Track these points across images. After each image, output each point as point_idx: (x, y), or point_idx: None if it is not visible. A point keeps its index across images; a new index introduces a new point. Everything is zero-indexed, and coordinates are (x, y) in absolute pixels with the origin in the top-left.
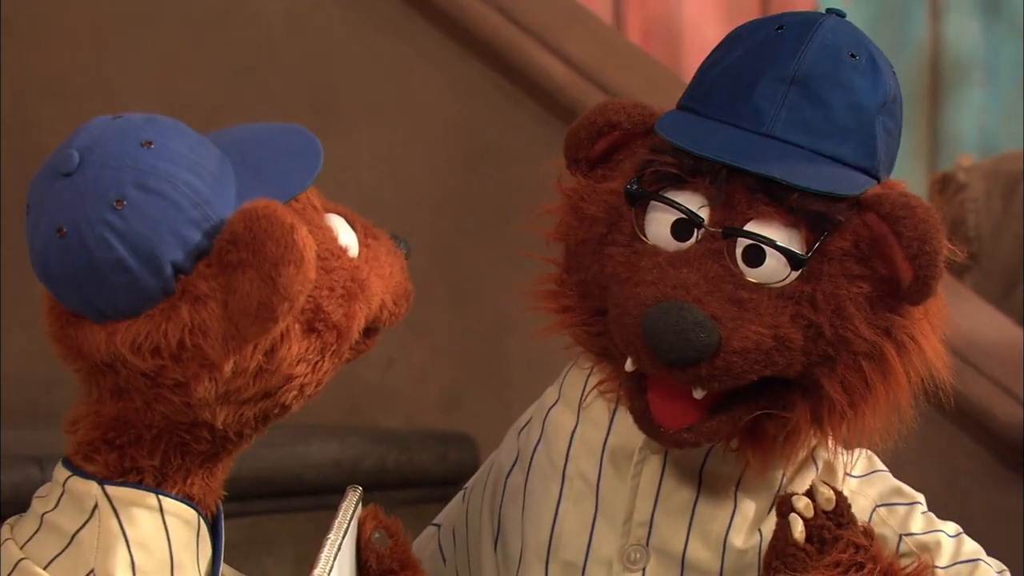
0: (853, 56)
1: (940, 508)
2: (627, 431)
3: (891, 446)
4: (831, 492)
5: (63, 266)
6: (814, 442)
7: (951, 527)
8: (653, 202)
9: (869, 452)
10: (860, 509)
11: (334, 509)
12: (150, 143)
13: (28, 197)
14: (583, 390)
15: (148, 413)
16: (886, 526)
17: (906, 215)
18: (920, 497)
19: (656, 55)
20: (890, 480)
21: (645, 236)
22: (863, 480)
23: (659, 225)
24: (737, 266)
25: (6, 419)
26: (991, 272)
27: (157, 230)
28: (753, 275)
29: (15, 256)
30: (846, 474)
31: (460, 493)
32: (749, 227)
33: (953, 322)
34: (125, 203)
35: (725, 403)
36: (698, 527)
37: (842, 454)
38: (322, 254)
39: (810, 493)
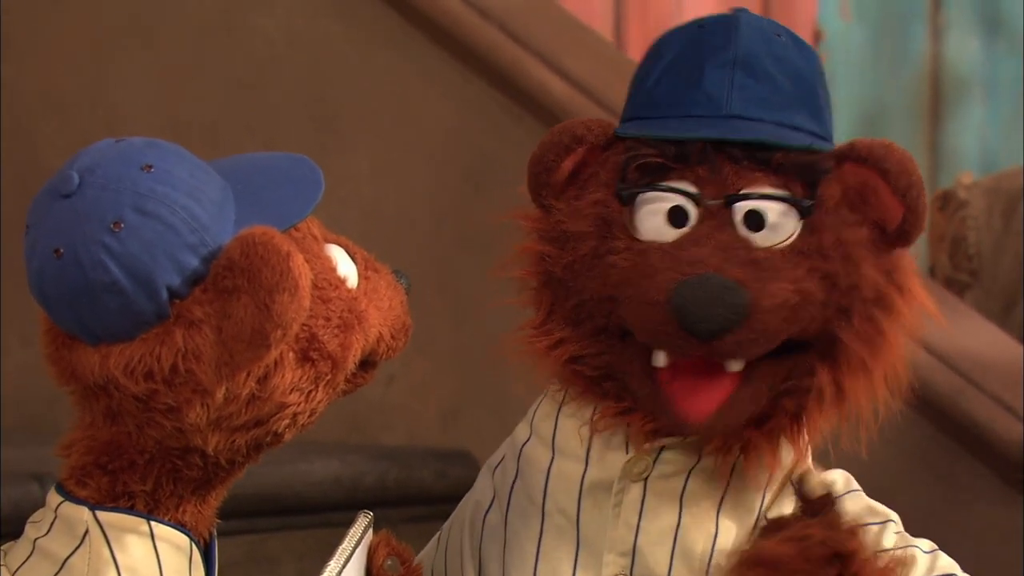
0: (778, 35)
1: (940, 524)
2: (605, 463)
3: (897, 407)
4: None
5: (59, 287)
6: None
7: (926, 543)
8: (641, 200)
9: (845, 473)
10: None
11: (335, 527)
12: (150, 167)
13: (28, 217)
14: (555, 424)
15: (140, 438)
16: None
17: (886, 154)
18: (894, 516)
19: None
20: (863, 499)
21: (640, 234)
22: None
23: (653, 218)
24: (744, 235)
25: (6, 436)
26: (992, 289)
27: (153, 254)
28: (759, 239)
29: (15, 272)
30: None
31: (435, 537)
32: (749, 192)
33: (954, 339)
34: (123, 226)
35: (747, 379)
36: (681, 552)
37: (818, 473)
38: (319, 283)
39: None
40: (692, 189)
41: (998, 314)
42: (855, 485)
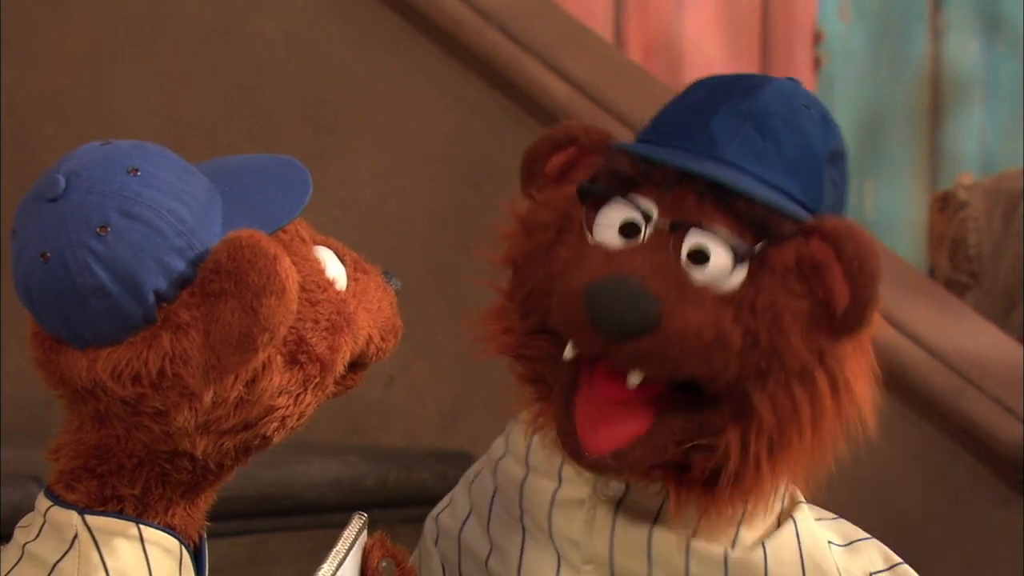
0: (807, 108)
1: (940, 525)
2: (575, 482)
3: (816, 489)
4: None
5: (46, 291)
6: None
7: None
8: (604, 207)
9: (840, 519)
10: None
11: (334, 528)
12: (136, 170)
13: (15, 221)
14: (528, 441)
15: (129, 441)
16: None
17: (848, 236)
18: (897, 559)
19: (657, 73)
20: (877, 546)
21: (592, 237)
22: (847, 550)
23: (608, 227)
24: (683, 263)
25: (5, 437)
26: (992, 290)
27: (140, 257)
28: (697, 274)
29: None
30: (828, 542)
31: (415, 553)
32: (700, 226)
33: (954, 340)
34: (109, 229)
35: (652, 429)
36: (658, 560)
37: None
38: (307, 286)
39: None
40: (650, 208)
41: (998, 315)
42: (861, 533)
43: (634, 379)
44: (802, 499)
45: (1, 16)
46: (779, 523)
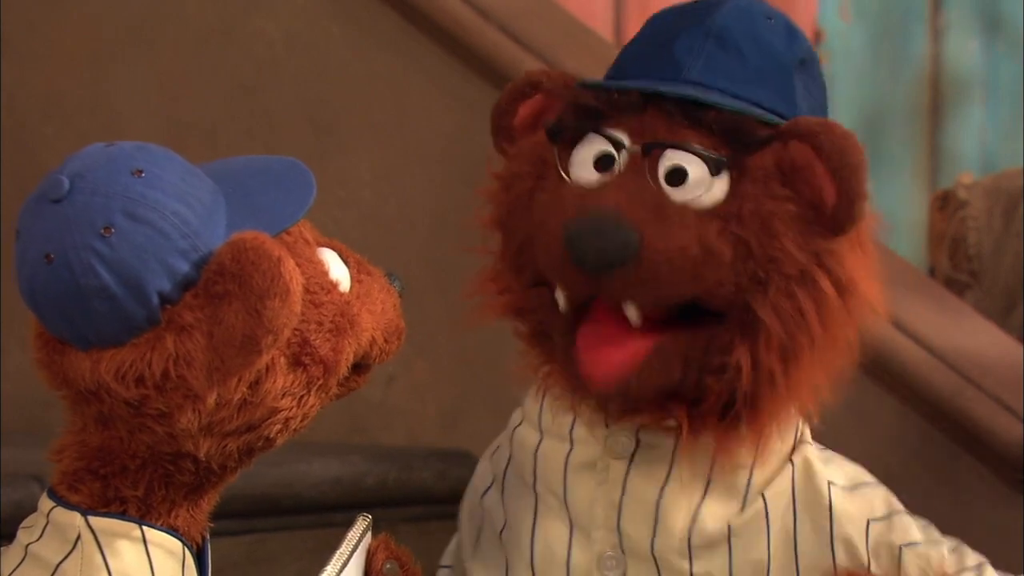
0: (768, 19)
1: (941, 524)
2: (587, 442)
3: (836, 400)
4: None
5: (49, 292)
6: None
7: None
8: (578, 145)
9: (851, 462)
10: (850, 519)
11: (335, 527)
12: (141, 172)
13: (18, 222)
14: (540, 405)
15: (132, 443)
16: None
17: (824, 131)
18: (899, 507)
19: None
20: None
21: (569, 177)
22: (849, 492)
23: (583, 163)
24: (660, 186)
25: (6, 437)
26: (992, 290)
27: (144, 259)
28: (676, 194)
29: (15, 275)
30: (829, 482)
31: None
32: (673, 144)
33: (954, 339)
34: (113, 231)
35: (658, 348)
36: (662, 529)
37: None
38: (311, 288)
39: None
40: (620, 136)
41: (998, 314)
42: (867, 476)
43: (632, 313)
44: (809, 440)
45: (1, 16)
46: (785, 464)
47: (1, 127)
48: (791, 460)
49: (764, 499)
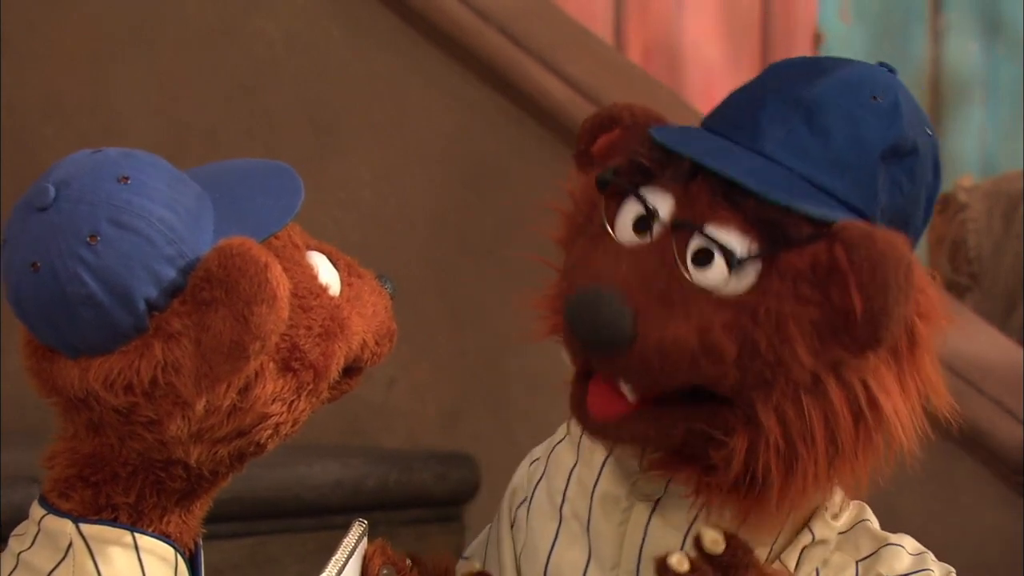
0: (875, 98)
1: (940, 528)
2: (615, 477)
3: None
4: (717, 534)
5: (36, 301)
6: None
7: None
8: (627, 197)
9: (861, 503)
10: (837, 567)
11: (335, 529)
12: (127, 179)
13: (6, 230)
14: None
15: (123, 450)
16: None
17: (863, 243)
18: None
19: (657, 75)
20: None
21: (612, 230)
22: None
23: (625, 219)
24: (685, 265)
25: (6, 439)
26: (992, 292)
27: (130, 266)
28: (699, 277)
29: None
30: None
31: (488, 526)
32: (704, 227)
33: (954, 342)
34: (98, 239)
35: (657, 402)
36: None
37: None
38: (300, 292)
39: (697, 538)
40: (658, 204)
41: (998, 316)
42: (867, 514)
43: (627, 391)
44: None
45: (1, 16)
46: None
47: (1, 127)
48: (809, 529)
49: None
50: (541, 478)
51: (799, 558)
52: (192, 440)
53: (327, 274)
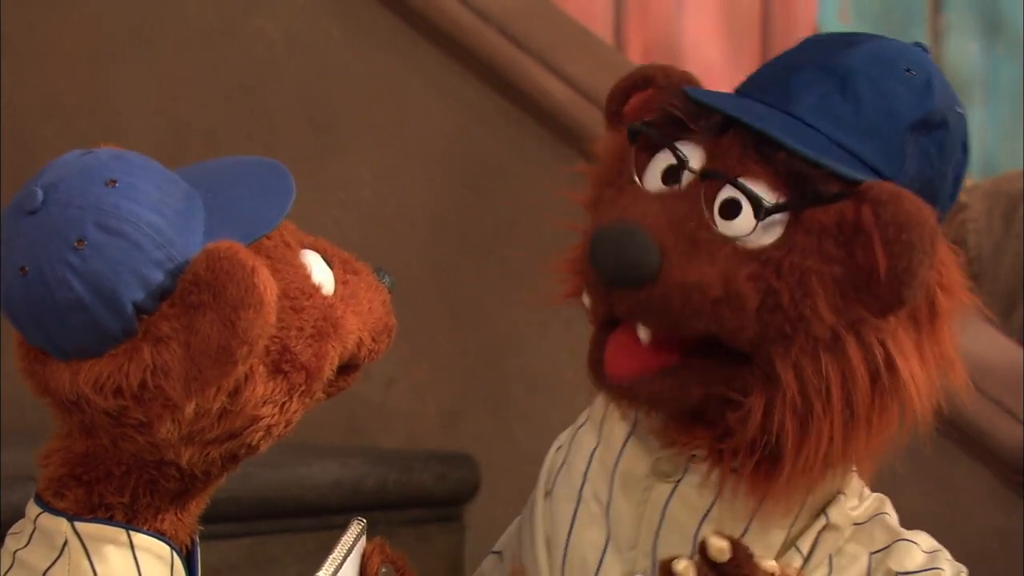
0: (909, 71)
1: (940, 528)
2: (635, 457)
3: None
4: (724, 542)
5: (26, 305)
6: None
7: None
8: (657, 151)
9: (882, 496)
10: (851, 557)
11: (335, 529)
12: (115, 182)
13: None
14: (606, 408)
15: (116, 451)
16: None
17: (891, 201)
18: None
19: None
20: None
21: (640, 181)
22: (861, 528)
23: (655, 170)
24: (712, 214)
25: (5, 438)
26: (992, 292)
27: (118, 271)
28: (724, 227)
29: None
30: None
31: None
32: (734, 178)
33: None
34: (86, 243)
35: (677, 364)
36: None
37: (851, 497)
38: (292, 293)
39: (703, 546)
40: (689, 154)
41: (998, 317)
42: (886, 508)
43: (643, 333)
44: (855, 498)
45: (1, 16)
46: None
47: (1, 127)
48: (825, 514)
49: (798, 550)
50: (562, 466)
51: (814, 542)
52: (183, 442)
53: (320, 273)
